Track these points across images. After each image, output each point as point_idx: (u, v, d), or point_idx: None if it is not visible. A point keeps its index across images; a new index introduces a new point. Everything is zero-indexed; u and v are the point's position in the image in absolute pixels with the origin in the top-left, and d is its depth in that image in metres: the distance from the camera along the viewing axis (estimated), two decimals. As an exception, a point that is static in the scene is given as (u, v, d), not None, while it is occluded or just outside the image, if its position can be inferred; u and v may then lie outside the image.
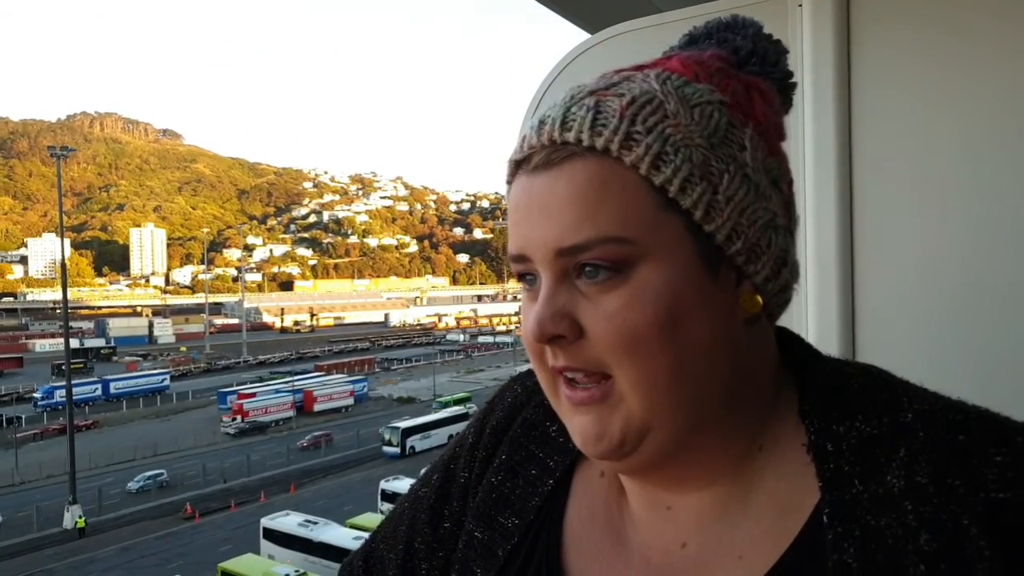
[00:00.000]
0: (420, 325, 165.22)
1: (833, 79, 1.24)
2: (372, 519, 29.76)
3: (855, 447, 0.66)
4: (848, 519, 0.64)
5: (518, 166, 0.70)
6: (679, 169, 0.64)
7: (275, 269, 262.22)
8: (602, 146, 0.65)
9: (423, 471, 1.03)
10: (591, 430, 0.67)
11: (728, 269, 0.68)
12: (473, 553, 0.85)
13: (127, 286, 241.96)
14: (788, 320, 0.75)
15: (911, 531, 0.61)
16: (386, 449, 46.59)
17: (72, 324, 70.28)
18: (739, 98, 0.70)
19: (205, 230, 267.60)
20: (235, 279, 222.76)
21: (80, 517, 34.42)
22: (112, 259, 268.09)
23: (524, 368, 0.89)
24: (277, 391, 64.57)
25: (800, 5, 1.29)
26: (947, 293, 1.18)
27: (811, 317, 1.27)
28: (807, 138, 1.27)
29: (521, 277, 0.72)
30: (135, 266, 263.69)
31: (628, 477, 0.76)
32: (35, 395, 68.50)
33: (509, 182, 0.72)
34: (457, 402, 57.59)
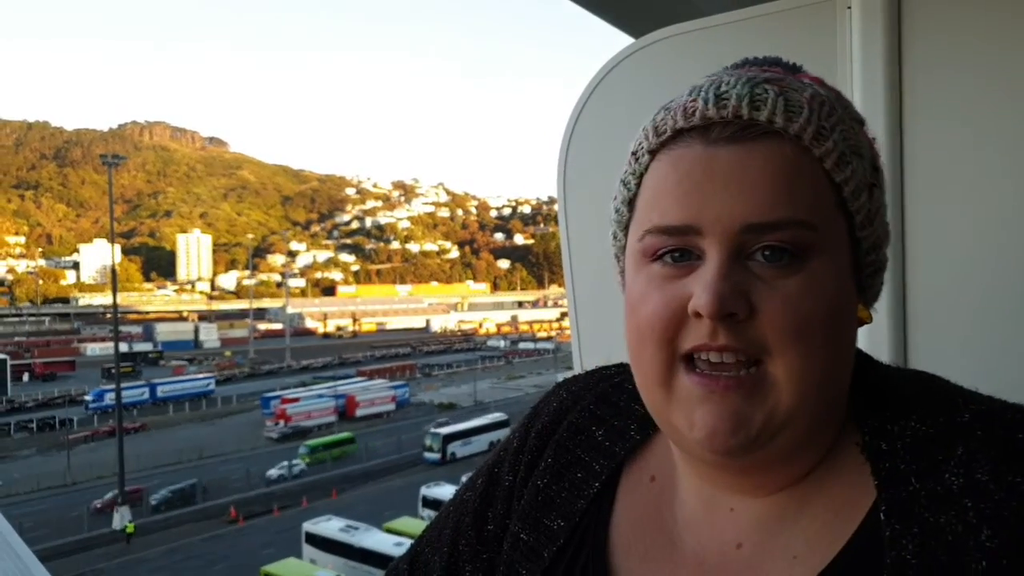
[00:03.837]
0: (461, 331, 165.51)
1: (883, 81, 1.22)
2: (409, 523, 30.07)
3: (910, 446, 0.66)
4: (906, 516, 0.63)
5: (680, 134, 0.68)
6: (856, 172, 0.66)
7: (318, 275, 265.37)
8: (796, 132, 0.64)
9: (468, 476, 1.01)
10: (728, 421, 0.65)
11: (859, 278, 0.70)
12: (519, 555, 0.85)
13: (174, 291, 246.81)
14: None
15: (971, 528, 0.60)
16: (427, 455, 46.80)
17: (121, 328, 72.00)
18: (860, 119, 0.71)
19: (250, 236, 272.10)
20: (279, 285, 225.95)
21: (129, 522, 35.11)
22: (160, 264, 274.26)
23: (567, 375, 0.89)
24: (320, 396, 65.34)
25: (849, 7, 1.26)
26: (1002, 297, 1.15)
27: None
28: None
29: (661, 254, 0.68)
30: (182, 271, 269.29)
31: (729, 478, 0.73)
32: (86, 398, 70.00)
33: (654, 151, 0.70)
34: (332, 444, 49.38)
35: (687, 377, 0.67)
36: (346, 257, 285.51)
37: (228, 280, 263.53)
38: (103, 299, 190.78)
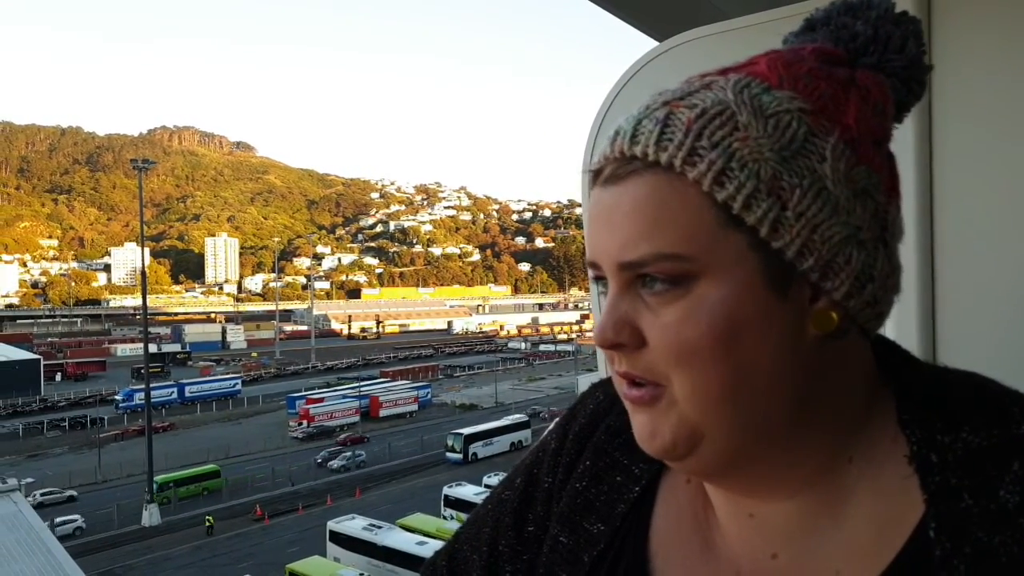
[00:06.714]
0: (482, 333, 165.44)
1: None
2: (421, 520, 30.89)
3: (962, 459, 0.64)
4: (957, 535, 0.61)
5: (595, 177, 0.71)
6: (743, 185, 0.63)
7: (343, 277, 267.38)
8: (665, 161, 0.65)
9: (505, 475, 1.03)
10: (645, 428, 0.69)
11: (801, 285, 0.66)
12: (558, 558, 0.85)
13: (202, 293, 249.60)
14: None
15: None
16: (449, 455, 46.99)
17: (151, 330, 72.83)
18: (827, 102, 0.67)
19: (276, 239, 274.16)
20: (304, 287, 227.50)
21: (209, 517, 35.71)
22: (188, 267, 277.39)
23: (587, 377, 1.00)
24: (344, 397, 65.98)
25: None
26: None
27: (888, 322, 1.25)
28: None
29: (597, 280, 0.73)
30: (209, 274, 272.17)
31: (707, 482, 0.76)
32: (116, 397, 71.19)
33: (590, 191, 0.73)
34: (191, 479, 41.96)
35: (624, 388, 0.71)
36: (370, 260, 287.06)
37: (255, 282, 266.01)
38: (133, 301, 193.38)
